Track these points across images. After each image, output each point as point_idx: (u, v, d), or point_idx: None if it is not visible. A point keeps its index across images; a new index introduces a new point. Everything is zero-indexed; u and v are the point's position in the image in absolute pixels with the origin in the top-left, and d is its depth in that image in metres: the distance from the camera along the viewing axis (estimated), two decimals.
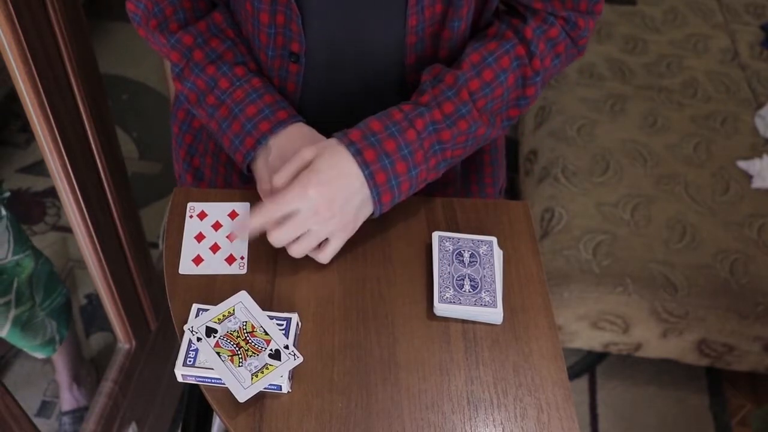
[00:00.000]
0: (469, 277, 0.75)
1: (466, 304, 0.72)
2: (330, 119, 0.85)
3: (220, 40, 0.81)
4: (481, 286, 0.74)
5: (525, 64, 0.78)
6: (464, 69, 0.76)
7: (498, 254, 0.77)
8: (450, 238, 0.78)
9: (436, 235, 0.78)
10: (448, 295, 0.73)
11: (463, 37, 0.80)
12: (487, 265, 0.76)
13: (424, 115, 0.74)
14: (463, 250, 0.77)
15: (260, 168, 0.78)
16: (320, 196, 0.69)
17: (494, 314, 0.73)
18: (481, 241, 0.78)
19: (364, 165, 0.71)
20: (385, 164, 0.72)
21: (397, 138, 0.72)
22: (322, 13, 0.77)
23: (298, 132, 0.78)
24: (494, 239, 0.78)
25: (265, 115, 0.78)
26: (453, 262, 0.76)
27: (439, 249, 0.77)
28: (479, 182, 0.97)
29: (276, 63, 0.81)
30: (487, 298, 0.73)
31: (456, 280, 0.74)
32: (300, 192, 0.69)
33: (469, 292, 0.73)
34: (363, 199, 0.72)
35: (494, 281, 0.75)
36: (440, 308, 0.73)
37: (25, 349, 1.48)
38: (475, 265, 0.76)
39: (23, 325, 1.37)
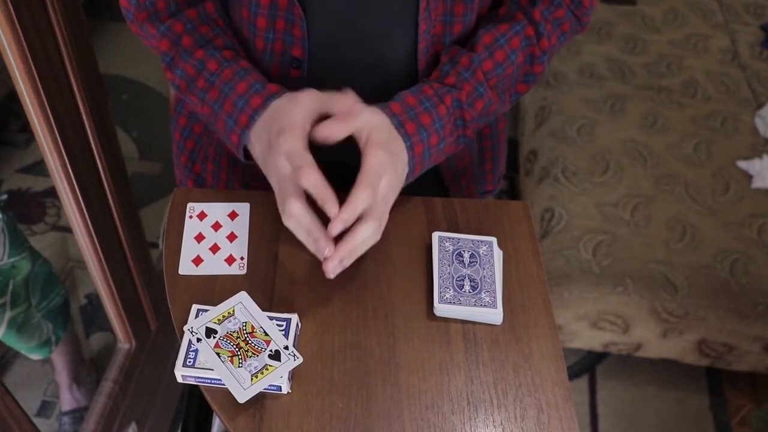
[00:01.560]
0: (469, 277, 0.75)
1: (466, 305, 0.72)
2: None
3: (209, 27, 0.79)
4: (481, 287, 0.74)
5: (533, 44, 0.82)
6: (478, 51, 0.80)
7: (498, 254, 0.77)
8: (450, 238, 0.78)
9: (436, 236, 0.78)
10: (448, 295, 0.73)
11: (473, 26, 0.83)
12: (487, 266, 0.76)
13: (452, 92, 0.78)
14: (463, 251, 0.77)
15: (253, 150, 0.74)
16: (393, 178, 0.71)
17: (494, 315, 0.73)
18: (481, 242, 0.78)
19: (406, 136, 0.74)
20: (423, 137, 0.75)
21: (431, 112, 0.76)
22: (326, 16, 0.77)
23: (282, 102, 0.73)
24: (494, 239, 0.78)
25: (256, 89, 0.74)
26: (453, 263, 0.76)
27: (439, 249, 0.77)
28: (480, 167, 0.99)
29: (274, 69, 0.80)
30: (487, 299, 0.73)
31: (456, 280, 0.74)
32: (376, 181, 0.70)
33: (469, 292, 0.73)
34: (406, 171, 0.75)
35: (494, 282, 0.74)
36: (440, 309, 0.73)
37: (21, 351, 1.48)
38: (475, 265, 0.76)
39: (18, 326, 1.37)
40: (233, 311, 0.70)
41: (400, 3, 0.76)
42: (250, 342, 0.67)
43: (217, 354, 0.66)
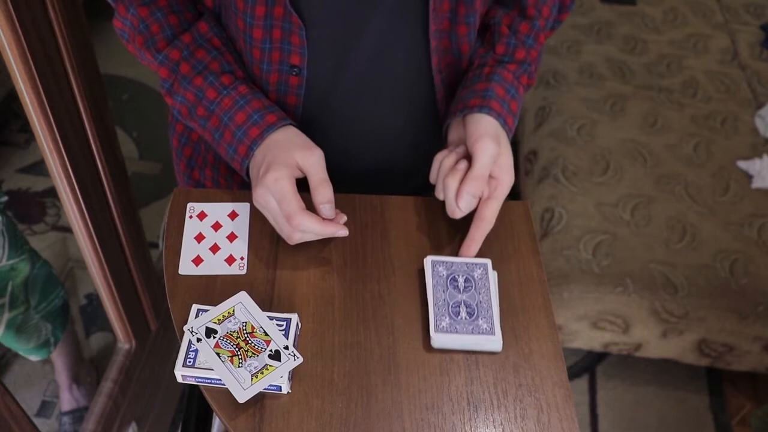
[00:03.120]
0: (465, 303, 0.72)
1: (463, 333, 0.70)
2: (333, 128, 0.85)
3: (205, 50, 0.80)
4: (477, 313, 0.72)
5: None
6: (531, 14, 0.84)
7: (493, 277, 0.75)
8: (443, 262, 0.75)
9: (428, 260, 0.75)
10: (444, 324, 0.71)
11: (478, 27, 0.84)
12: (483, 290, 0.74)
13: (526, 69, 0.85)
14: (458, 275, 0.75)
15: (254, 177, 0.76)
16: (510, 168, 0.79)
17: (493, 342, 0.70)
18: (476, 265, 0.75)
19: (509, 131, 0.81)
20: (515, 119, 0.83)
21: (516, 97, 0.83)
22: (326, 22, 0.76)
23: (285, 137, 0.76)
24: (488, 261, 0.76)
25: (254, 120, 0.76)
26: (447, 288, 0.73)
27: (433, 275, 0.74)
28: None
29: (273, 77, 0.80)
30: (485, 326, 0.71)
31: (452, 307, 0.72)
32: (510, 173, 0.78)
33: (466, 319, 0.71)
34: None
35: (491, 307, 0.72)
36: (437, 338, 0.70)
37: (19, 352, 1.47)
38: (470, 290, 0.74)
39: (17, 328, 1.37)
40: (233, 311, 0.70)
41: (406, 4, 0.76)
42: (250, 342, 0.67)
43: (217, 354, 0.66)
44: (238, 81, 0.79)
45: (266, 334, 0.68)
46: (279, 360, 0.66)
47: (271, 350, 0.67)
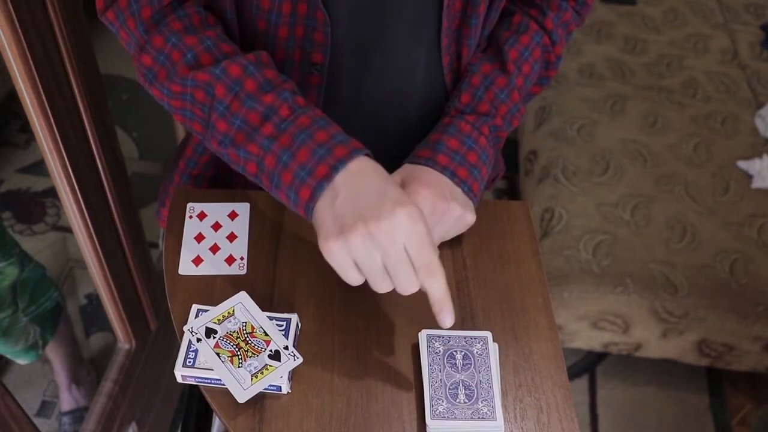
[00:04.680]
0: (464, 384, 0.67)
1: (461, 419, 0.65)
2: (354, 129, 0.85)
3: (275, 72, 0.70)
4: (477, 395, 0.67)
5: (549, 51, 0.85)
6: (511, 70, 0.82)
7: (494, 351, 0.71)
8: (440, 337, 0.70)
9: (423, 335, 0.70)
10: (441, 408, 0.66)
11: (479, 35, 0.83)
12: (483, 368, 0.69)
13: (488, 120, 0.80)
14: (455, 351, 0.69)
15: (323, 211, 0.62)
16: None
17: (494, 428, 0.66)
18: (475, 339, 0.70)
19: (462, 183, 0.76)
20: (476, 175, 0.77)
21: (475, 149, 0.78)
22: (348, 19, 0.76)
23: (370, 165, 0.64)
24: (489, 335, 0.71)
25: (340, 140, 0.64)
26: (444, 367, 0.68)
27: (429, 351, 0.69)
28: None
29: (294, 77, 0.79)
30: (485, 410, 0.66)
31: (449, 389, 0.67)
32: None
33: (464, 402, 0.66)
34: (470, 205, 0.77)
35: (491, 387, 0.67)
36: (433, 426, 0.65)
37: (7, 355, 1.45)
38: (469, 368, 0.68)
39: (4, 331, 1.35)
40: (233, 311, 0.70)
41: (422, 2, 0.76)
42: (250, 342, 0.67)
43: (217, 354, 0.66)
44: (312, 105, 0.69)
45: (266, 334, 0.68)
46: (279, 360, 0.66)
47: (270, 350, 0.67)
